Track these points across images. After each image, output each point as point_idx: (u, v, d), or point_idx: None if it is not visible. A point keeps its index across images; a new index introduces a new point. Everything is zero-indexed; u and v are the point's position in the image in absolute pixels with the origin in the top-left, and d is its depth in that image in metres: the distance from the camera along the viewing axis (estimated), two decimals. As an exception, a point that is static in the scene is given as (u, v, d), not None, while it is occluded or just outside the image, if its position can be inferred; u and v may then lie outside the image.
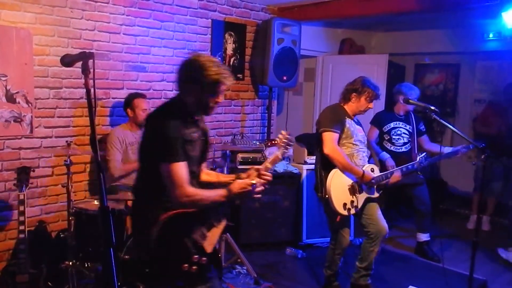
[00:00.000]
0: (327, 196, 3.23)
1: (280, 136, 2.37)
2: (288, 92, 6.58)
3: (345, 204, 3.24)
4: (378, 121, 4.37)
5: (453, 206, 6.11)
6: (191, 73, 2.15)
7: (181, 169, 2.07)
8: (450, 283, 3.58)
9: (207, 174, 2.47)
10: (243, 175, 2.33)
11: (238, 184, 2.19)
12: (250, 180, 2.21)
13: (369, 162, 3.52)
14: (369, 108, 3.39)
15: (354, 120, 3.41)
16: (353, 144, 3.34)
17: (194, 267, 2.11)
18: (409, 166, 3.57)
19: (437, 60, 6.81)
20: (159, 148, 2.08)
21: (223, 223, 2.30)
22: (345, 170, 3.25)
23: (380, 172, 3.48)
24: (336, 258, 3.46)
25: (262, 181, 2.26)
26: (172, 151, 2.06)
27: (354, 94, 3.33)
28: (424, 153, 3.69)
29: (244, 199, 2.26)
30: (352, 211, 3.28)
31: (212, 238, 2.22)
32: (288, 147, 2.38)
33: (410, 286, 3.70)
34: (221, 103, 5.23)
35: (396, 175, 3.49)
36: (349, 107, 3.37)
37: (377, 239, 3.37)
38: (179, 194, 2.06)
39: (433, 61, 6.88)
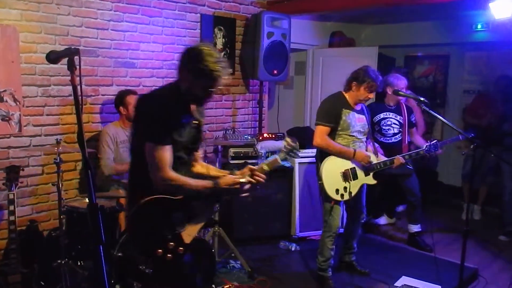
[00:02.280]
0: (320, 182, 3.39)
1: (285, 142, 2.35)
2: (279, 86, 6.57)
3: (337, 190, 3.37)
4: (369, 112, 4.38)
5: (444, 196, 6.16)
6: (188, 61, 2.14)
7: (164, 152, 2.07)
8: (442, 272, 3.61)
9: (201, 167, 2.47)
10: (238, 172, 2.30)
11: (226, 180, 2.19)
12: (239, 179, 2.20)
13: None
14: (369, 98, 3.44)
15: (356, 109, 3.46)
16: (350, 135, 3.43)
17: (169, 255, 2.11)
18: (413, 154, 3.65)
19: (426, 51, 6.84)
20: (144, 128, 2.12)
21: (208, 217, 2.29)
22: (338, 154, 3.39)
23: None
24: (327, 241, 3.50)
25: (253, 181, 2.23)
26: (156, 132, 2.07)
27: (355, 82, 3.39)
28: (435, 141, 3.56)
29: (231, 196, 2.27)
30: (346, 196, 3.39)
31: (192, 230, 2.19)
32: (291, 154, 2.36)
33: (403, 276, 3.73)
34: (212, 98, 5.23)
35: (400, 159, 3.56)
36: (350, 96, 3.45)
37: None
38: (159, 177, 2.08)
39: (423, 53, 6.91)
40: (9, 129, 3.43)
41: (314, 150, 3.69)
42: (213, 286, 3.17)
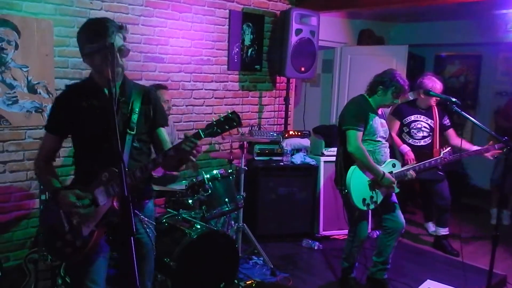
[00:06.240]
0: (346, 191, 3.20)
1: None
2: (305, 84, 6.55)
3: (364, 200, 3.21)
4: (399, 113, 4.26)
5: (473, 200, 6.02)
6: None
7: (44, 138, 2.17)
8: (469, 278, 3.53)
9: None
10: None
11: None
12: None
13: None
14: (394, 103, 3.30)
15: (378, 114, 3.30)
16: (376, 141, 3.25)
17: (69, 249, 2.03)
18: (432, 162, 3.46)
19: (458, 51, 6.68)
20: None
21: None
22: (366, 169, 3.20)
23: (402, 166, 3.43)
24: (354, 250, 3.43)
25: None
26: (47, 120, 2.15)
27: (381, 87, 3.20)
28: (449, 148, 3.54)
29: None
30: (371, 206, 3.25)
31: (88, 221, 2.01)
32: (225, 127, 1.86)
33: (428, 280, 3.66)
34: (238, 94, 5.24)
35: (412, 174, 3.35)
36: (374, 100, 3.26)
37: (394, 233, 3.37)
38: (34, 162, 2.20)
39: (454, 53, 6.75)
40: (42, 121, 3.52)
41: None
42: (236, 281, 3.21)
